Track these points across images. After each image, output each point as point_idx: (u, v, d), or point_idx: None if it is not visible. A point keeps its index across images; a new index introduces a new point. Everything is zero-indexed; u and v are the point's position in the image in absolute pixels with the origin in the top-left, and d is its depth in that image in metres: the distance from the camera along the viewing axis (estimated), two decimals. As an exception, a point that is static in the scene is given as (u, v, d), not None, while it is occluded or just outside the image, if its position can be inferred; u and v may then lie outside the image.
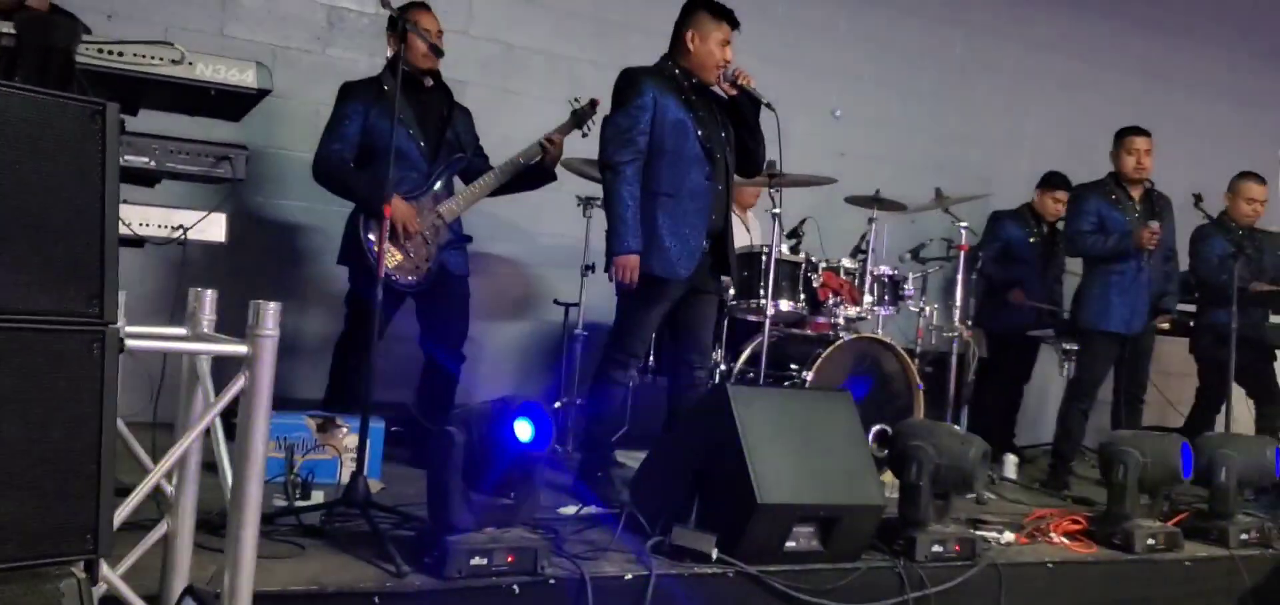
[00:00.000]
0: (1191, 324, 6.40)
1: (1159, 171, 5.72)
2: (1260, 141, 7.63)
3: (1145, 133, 5.61)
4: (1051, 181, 6.56)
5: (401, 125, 4.41)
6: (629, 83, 4.21)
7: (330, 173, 4.46)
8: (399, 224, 4.36)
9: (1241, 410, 6.14)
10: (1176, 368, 6.93)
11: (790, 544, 3.48)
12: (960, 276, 5.83)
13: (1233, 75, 8.12)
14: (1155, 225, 5.43)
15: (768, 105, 4.23)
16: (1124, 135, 5.65)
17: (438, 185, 4.54)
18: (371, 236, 4.32)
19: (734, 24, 4.29)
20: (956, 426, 4.90)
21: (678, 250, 4.17)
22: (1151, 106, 7.59)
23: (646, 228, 4.14)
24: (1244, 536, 4.56)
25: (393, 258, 4.38)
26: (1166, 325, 6.29)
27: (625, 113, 4.16)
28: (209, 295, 2.47)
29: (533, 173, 4.65)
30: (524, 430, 3.29)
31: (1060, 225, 6.45)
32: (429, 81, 4.59)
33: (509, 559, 3.01)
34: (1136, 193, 5.63)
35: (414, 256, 4.45)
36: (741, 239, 5.55)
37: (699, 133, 4.21)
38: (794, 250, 5.23)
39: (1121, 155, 5.62)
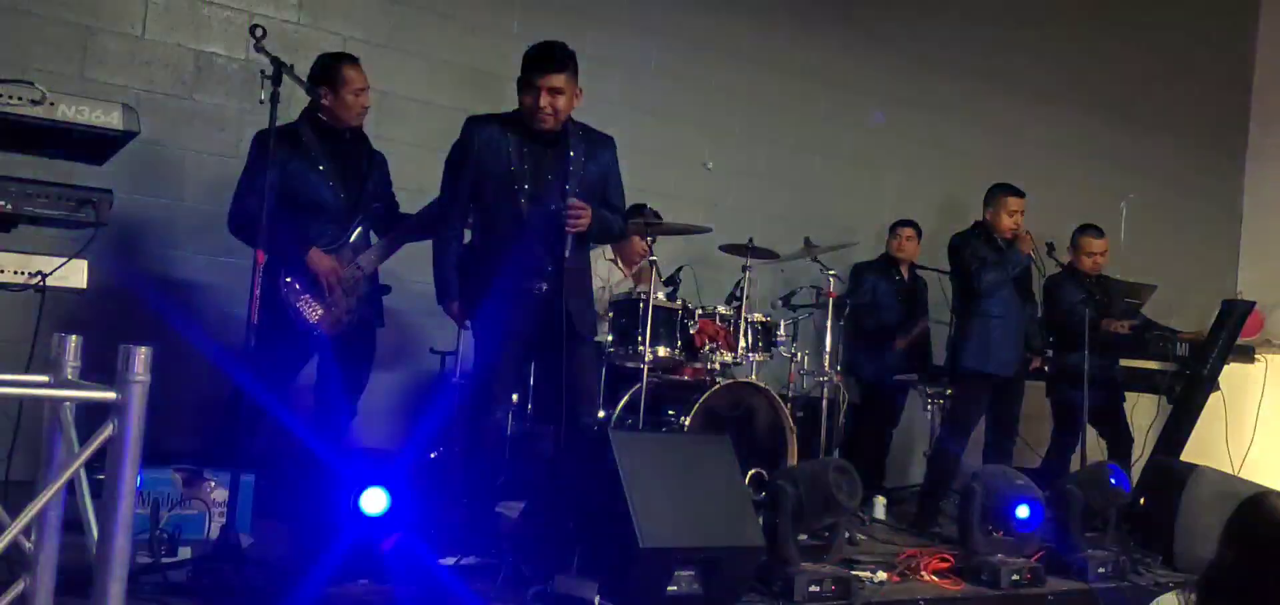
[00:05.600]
0: (1047, 368, 6.68)
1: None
2: (1107, 195, 8.07)
3: (1021, 193, 5.82)
4: (903, 223, 6.82)
5: (321, 176, 4.38)
6: None
7: (247, 225, 4.32)
8: (322, 277, 4.28)
9: (1095, 451, 6.43)
10: (1033, 410, 7.22)
11: (672, 588, 3.50)
12: (830, 323, 5.97)
13: (1080, 133, 8.57)
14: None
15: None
16: (1005, 194, 5.83)
17: (355, 236, 4.46)
18: (289, 279, 4.24)
19: (540, 69, 4.13)
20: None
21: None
22: (1005, 161, 7.96)
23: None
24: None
25: (314, 313, 4.30)
26: (1040, 365, 6.54)
27: None
28: (73, 340, 2.37)
29: None
30: (373, 501, 3.15)
31: (918, 270, 6.76)
32: (348, 133, 4.52)
33: (389, 611, 2.96)
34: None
35: (335, 310, 4.36)
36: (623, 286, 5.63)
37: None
38: (671, 297, 5.29)
39: (1001, 215, 5.79)
